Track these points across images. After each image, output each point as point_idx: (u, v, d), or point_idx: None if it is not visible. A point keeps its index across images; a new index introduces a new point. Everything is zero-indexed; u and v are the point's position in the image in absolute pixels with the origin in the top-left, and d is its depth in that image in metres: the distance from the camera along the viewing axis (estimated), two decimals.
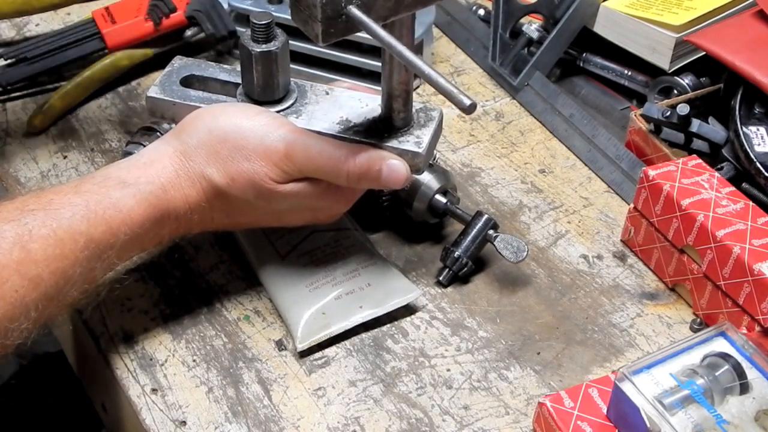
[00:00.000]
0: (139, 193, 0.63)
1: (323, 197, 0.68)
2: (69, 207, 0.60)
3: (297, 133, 0.66)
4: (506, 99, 0.97)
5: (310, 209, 0.69)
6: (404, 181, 0.67)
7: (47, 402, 1.23)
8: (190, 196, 0.65)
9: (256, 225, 0.71)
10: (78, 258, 0.60)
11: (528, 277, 0.77)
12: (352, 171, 0.66)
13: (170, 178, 0.65)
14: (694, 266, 0.73)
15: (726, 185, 0.74)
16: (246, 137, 0.65)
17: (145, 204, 0.63)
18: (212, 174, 0.65)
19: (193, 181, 0.65)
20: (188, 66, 0.75)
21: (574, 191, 0.86)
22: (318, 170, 0.66)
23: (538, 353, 0.71)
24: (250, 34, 0.69)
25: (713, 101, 0.87)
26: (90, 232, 0.60)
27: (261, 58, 0.69)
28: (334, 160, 0.65)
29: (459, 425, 0.65)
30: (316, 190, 0.67)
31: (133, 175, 0.64)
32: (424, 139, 0.68)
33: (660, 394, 0.59)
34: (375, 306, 0.71)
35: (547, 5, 0.96)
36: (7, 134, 0.89)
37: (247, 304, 0.73)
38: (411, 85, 0.68)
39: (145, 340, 0.70)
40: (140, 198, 0.63)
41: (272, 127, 0.66)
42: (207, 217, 0.67)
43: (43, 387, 1.25)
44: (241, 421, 0.65)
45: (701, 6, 0.94)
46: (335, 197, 0.69)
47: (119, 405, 0.70)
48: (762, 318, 0.67)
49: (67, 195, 0.61)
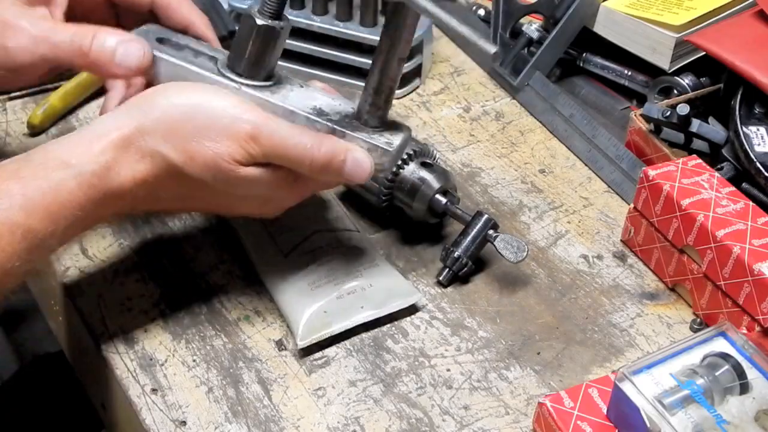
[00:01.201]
0: (80, 174, 0.60)
1: (279, 187, 0.66)
2: (6, 197, 0.58)
3: (266, 118, 0.64)
4: (506, 99, 0.97)
5: (263, 199, 0.67)
6: (367, 176, 0.66)
7: (47, 402, 1.23)
8: (138, 172, 0.62)
9: (202, 211, 0.70)
10: (16, 250, 0.58)
11: (528, 277, 0.77)
12: (317, 159, 0.64)
13: (117, 154, 0.61)
14: (694, 266, 0.73)
15: (726, 185, 0.74)
16: (216, 116, 0.63)
17: (86, 186, 0.60)
18: (168, 151, 0.62)
19: (143, 156, 0.62)
20: (163, 31, 0.72)
21: (574, 191, 0.86)
22: (282, 155, 0.64)
23: (538, 353, 0.71)
24: (259, 7, 0.67)
25: (713, 101, 0.87)
26: (28, 223, 0.58)
27: (263, 32, 0.67)
28: (299, 147, 0.64)
29: (459, 425, 0.65)
30: (275, 178, 0.65)
31: (76, 153, 0.61)
32: (395, 141, 0.68)
33: (660, 394, 0.59)
34: (376, 307, 0.71)
35: (547, 5, 0.96)
36: (7, 134, 0.89)
37: (247, 304, 0.73)
38: (396, 83, 0.68)
39: (145, 340, 0.70)
40: (81, 180, 0.60)
41: (243, 110, 0.64)
42: (153, 196, 0.64)
43: (43, 387, 1.25)
44: (241, 421, 0.65)
45: (701, 6, 0.94)
46: (290, 189, 0.67)
47: (119, 405, 0.70)
48: (762, 318, 0.67)
49: (6, 182, 0.59)
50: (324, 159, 0.64)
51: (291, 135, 0.64)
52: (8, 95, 0.93)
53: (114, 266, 0.75)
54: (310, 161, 0.64)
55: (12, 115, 0.91)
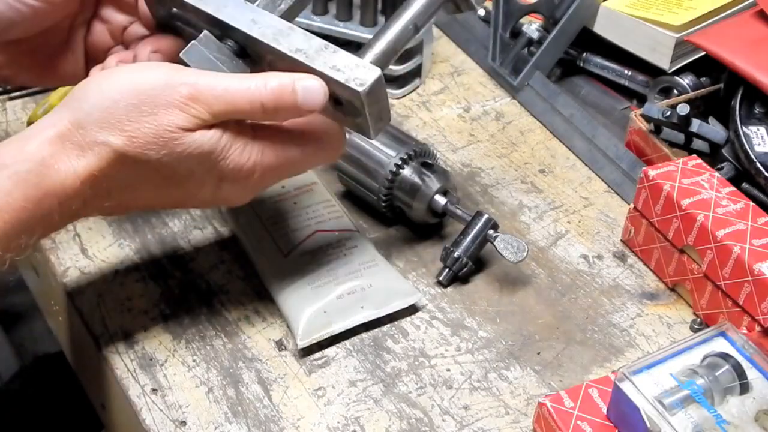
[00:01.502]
0: (15, 174, 0.57)
1: (233, 153, 0.61)
2: None
3: (200, 74, 0.60)
4: (506, 99, 0.97)
5: (219, 175, 0.62)
6: (322, 100, 0.61)
7: (47, 402, 1.23)
8: (80, 167, 0.58)
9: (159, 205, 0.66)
10: None
11: (528, 277, 0.77)
12: (265, 97, 0.60)
13: (54, 150, 0.58)
14: (694, 266, 0.73)
15: (726, 185, 0.74)
16: (143, 90, 0.59)
17: (23, 185, 0.57)
18: (108, 139, 0.58)
19: (83, 150, 0.58)
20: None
21: (574, 191, 0.86)
22: (229, 104, 0.60)
23: (538, 353, 0.71)
24: None
25: (713, 101, 0.87)
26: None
27: None
28: (244, 91, 0.60)
29: (459, 425, 0.65)
30: (226, 138, 0.61)
31: (10, 153, 0.58)
32: (369, 79, 0.60)
33: (660, 394, 0.59)
34: (376, 307, 0.71)
35: (547, 5, 0.96)
36: (7, 134, 0.89)
37: (247, 304, 0.73)
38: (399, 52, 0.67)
39: (145, 340, 0.70)
40: (17, 179, 0.57)
41: (171, 74, 0.60)
42: (104, 192, 0.60)
43: (43, 387, 1.25)
44: (241, 421, 0.65)
45: (701, 6, 0.94)
46: (247, 156, 0.62)
47: (119, 405, 0.70)
48: (762, 318, 0.67)
49: None
50: (273, 95, 0.60)
51: (232, 82, 0.60)
52: (8, 95, 0.93)
53: (114, 266, 0.76)
54: (260, 102, 0.60)
55: (12, 115, 0.91)
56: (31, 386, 1.27)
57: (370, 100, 0.61)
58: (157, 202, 0.65)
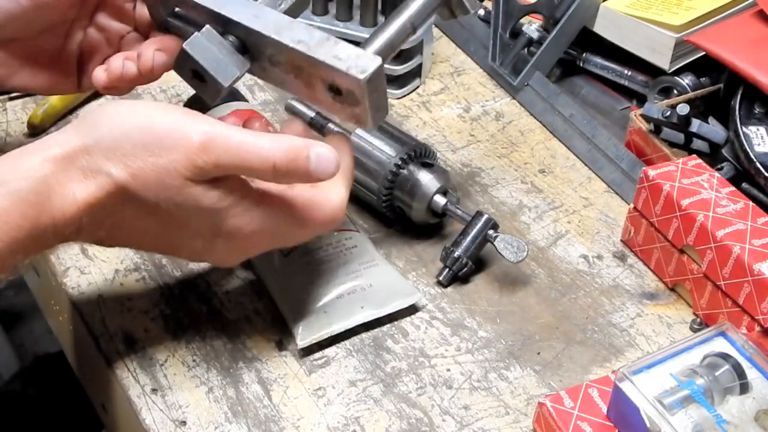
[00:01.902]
0: (15, 192, 0.55)
1: (234, 211, 0.60)
2: None
3: (216, 125, 0.59)
4: (506, 99, 0.97)
5: (213, 231, 0.61)
6: (334, 171, 0.60)
7: (47, 402, 1.23)
8: (80, 193, 0.57)
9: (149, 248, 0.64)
10: None
11: (528, 277, 0.77)
12: (280, 159, 0.58)
13: (57, 170, 0.56)
14: (694, 266, 0.73)
15: (726, 185, 0.74)
16: (156, 131, 0.57)
17: (21, 204, 0.55)
18: (111, 170, 0.57)
19: (86, 176, 0.57)
20: None
21: (574, 191, 0.86)
22: (240, 160, 0.58)
23: (538, 353, 0.71)
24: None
25: (713, 101, 0.87)
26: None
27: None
28: (258, 148, 0.58)
29: (459, 425, 0.65)
30: (230, 195, 0.60)
31: (11, 169, 0.56)
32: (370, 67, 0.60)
33: (660, 394, 0.59)
34: (376, 307, 0.71)
35: (547, 5, 0.96)
36: (7, 134, 0.89)
37: (247, 304, 0.73)
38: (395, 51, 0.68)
39: (145, 340, 0.70)
40: (17, 198, 0.55)
41: (188, 120, 0.58)
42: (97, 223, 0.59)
43: (43, 387, 1.25)
44: (241, 421, 0.65)
45: (701, 6, 0.94)
46: (248, 219, 0.61)
47: (119, 405, 0.70)
48: (762, 318, 0.67)
49: None
50: (286, 158, 0.58)
51: (247, 137, 0.58)
52: (8, 95, 0.93)
53: (114, 266, 0.75)
54: (272, 162, 0.58)
55: (12, 115, 0.91)
56: (31, 386, 1.27)
57: (371, 88, 0.61)
58: (147, 244, 0.64)
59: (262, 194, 0.61)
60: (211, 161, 0.58)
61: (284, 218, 0.62)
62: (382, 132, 0.79)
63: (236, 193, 0.60)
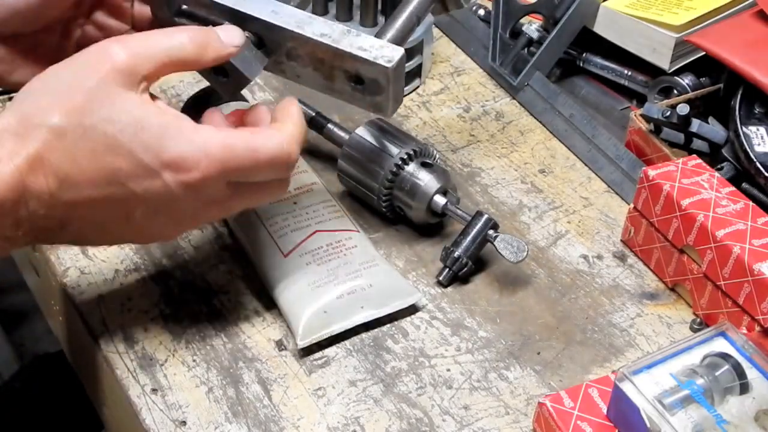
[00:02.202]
0: None
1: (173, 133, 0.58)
2: None
3: (131, 38, 0.60)
4: (506, 99, 0.97)
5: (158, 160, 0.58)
6: (241, 38, 0.63)
7: (47, 402, 1.23)
8: (19, 158, 0.55)
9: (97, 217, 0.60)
10: None
11: (528, 277, 0.77)
12: (189, 35, 0.60)
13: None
14: (694, 266, 0.73)
15: (726, 185, 0.74)
16: (77, 66, 0.58)
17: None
18: (44, 119, 0.56)
19: (22, 136, 0.55)
20: None
21: (574, 191, 0.86)
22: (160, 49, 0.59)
23: (538, 353, 0.71)
24: None
25: (713, 101, 0.87)
26: None
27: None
28: (169, 35, 0.60)
29: (459, 425, 0.65)
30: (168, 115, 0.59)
31: None
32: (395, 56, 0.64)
33: (660, 394, 0.59)
34: (376, 307, 0.71)
35: (547, 5, 0.96)
36: None
37: (247, 304, 0.73)
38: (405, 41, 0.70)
39: (145, 340, 0.70)
40: None
41: (98, 44, 0.59)
42: (43, 198, 0.56)
43: (43, 387, 1.25)
44: (241, 421, 0.65)
45: (701, 6, 0.94)
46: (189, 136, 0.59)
47: (119, 405, 0.70)
48: (762, 318, 0.67)
49: None
50: (196, 35, 0.61)
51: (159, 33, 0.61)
52: (8, 95, 0.93)
53: (114, 266, 0.76)
54: (186, 36, 0.60)
55: None
56: (31, 386, 1.27)
57: (395, 76, 0.64)
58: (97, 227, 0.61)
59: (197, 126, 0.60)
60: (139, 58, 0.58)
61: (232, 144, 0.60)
62: (382, 132, 0.79)
63: (171, 111, 0.59)
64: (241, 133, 0.61)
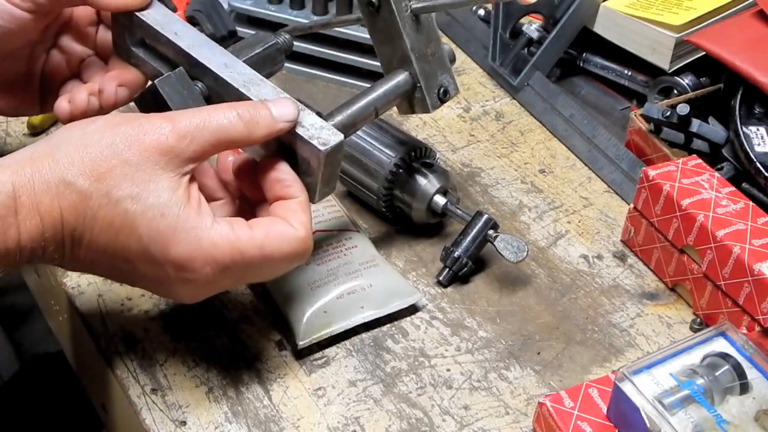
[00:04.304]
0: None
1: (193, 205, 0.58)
2: None
3: (174, 113, 0.59)
4: (506, 99, 0.97)
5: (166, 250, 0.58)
6: (295, 114, 0.61)
7: (47, 402, 1.23)
8: (42, 205, 0.55)
9: (104, 265, 0.60)
10: None
11: (528, 277, 0.77)
12: (242, 107, 0.60)
13: (23, 184, 0.55)
14: (694, 266, 0.73)
15: (726, 185, 0.74)
16: (122, 132, 0.57)
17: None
18: (73, 178, 0.56)
19: (49, 185, 0.55)
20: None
21: (574, 191, 0.86)
22: (210, 126, 0.58)
23: (538, 353, 0.71)
24: None
25: (713, 101, 0.87)
26: None
27: None
28: (223, 113, 0.59)
29: (459, 425, 0.65)
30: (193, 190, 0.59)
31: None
32: (331, 141, 0.61)
33: (660, 394, 0.59)
34: (376, 307, 0.71)
35: (547, 5, 0.96)
36: (7, 134, 0.89)
37: (247, 304, 0.73)
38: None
39: (145, 340, 0.70)
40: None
41: (146, 117, 0.58)
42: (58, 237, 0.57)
43: (43, 387, 1.25)
44: (241, 421, 0.65)
45: (701, 6, 0.94)
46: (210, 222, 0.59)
47: (119, 405, 0.70)
48: (762, 318, 0.67)
49: None
50: (248, 106, 0.60)
51: (206, 109, 0.60)
52: None
53: None
54: (236, 112, 0.59)
55: None
56: (31, 386, 1.27)
57: (328, 161, 0.61)
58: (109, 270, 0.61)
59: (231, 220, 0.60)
60: (185, 138, 0.57)
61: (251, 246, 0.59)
62: (382, 132, 0.79)
63: (194, 205, 0.58)
64: (255, 234, 0.59)
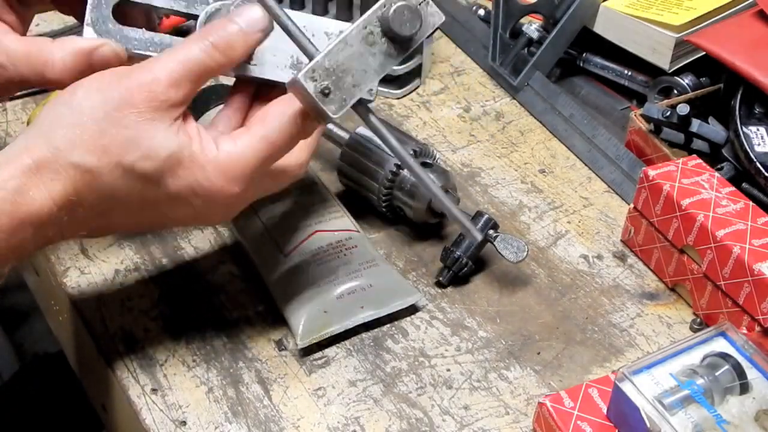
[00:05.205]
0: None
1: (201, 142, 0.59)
2: None
3: (148, 63, 0.58)
4: (506, 99, 0.97)
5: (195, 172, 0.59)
6: (264, 22, 0.60)
7: (47, 402, 1.23)
8: (55, 192, 0.56)
9: (133, 222, 0.62)
10: None
11: (528, 277, 0.77)
12: (213, 36, 0.59)
13: (29, 176, 0.55)
14: (694, 266, 0.73)
15: (726, 185, 0.74)
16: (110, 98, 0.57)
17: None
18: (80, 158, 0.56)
19: (57, 172, 0.56)
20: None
21: (574, 191, 0.86)
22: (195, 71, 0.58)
23: (538, 353, 0.71)
24: None
25: (713, 101, 0.87)
26: None
27: None
28: (196, 42, 0.59)
29: (459, 425, 0.65)
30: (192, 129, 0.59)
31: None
32: None
33: (660, 394, 0.59)
34: (376, 307, 0.71)
35: (547, 5, 0.96)
36: (7, 134, 0.89)
37: (247, 304, 0.73)
38: None
39: (145, 340, 0.70)
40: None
41: (126, 75, 0.58)
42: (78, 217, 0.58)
43: (43, 387, 1.25)
44: (241, 421, 0.65)
45: (701, 6, 0.94)
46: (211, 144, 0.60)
47: (119, 405, 0.70)
48: (762, 318, 0.67)
49: None
50: (218, 31, 0.59)
51: (181, 49, 0.59)
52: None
53: (114, 266, 0.76)
54: (209, 42, 0.59)
55: (12, 115, 0.91)
56: (31, 386, 1.27)
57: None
58: (134, 225, 0.64)
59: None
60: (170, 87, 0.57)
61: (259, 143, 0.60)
62: None
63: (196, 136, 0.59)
64: (254, 132, 0.60)
